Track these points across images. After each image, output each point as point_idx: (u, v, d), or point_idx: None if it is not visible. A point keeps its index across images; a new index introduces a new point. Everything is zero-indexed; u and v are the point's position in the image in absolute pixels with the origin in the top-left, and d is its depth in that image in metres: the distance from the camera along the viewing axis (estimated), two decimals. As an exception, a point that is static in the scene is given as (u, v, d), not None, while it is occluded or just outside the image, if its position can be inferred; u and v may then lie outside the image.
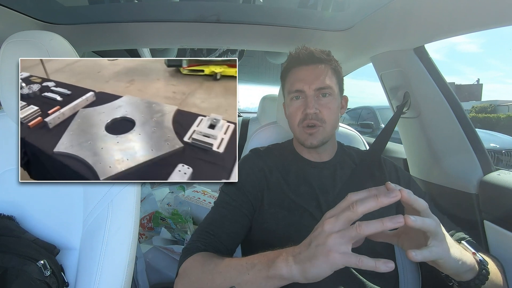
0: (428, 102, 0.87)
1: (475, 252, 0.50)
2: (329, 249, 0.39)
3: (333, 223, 0.40)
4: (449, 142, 0.86)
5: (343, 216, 0.40)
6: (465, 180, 0.79)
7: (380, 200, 0.38)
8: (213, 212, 0.69)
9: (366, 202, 0.38)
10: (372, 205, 0.38)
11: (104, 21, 0.96)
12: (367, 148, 0.93)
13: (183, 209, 1.51)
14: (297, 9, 1.03)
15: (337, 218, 0.40)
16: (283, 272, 0.43)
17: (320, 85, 0.69)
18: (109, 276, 0.60)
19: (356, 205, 0.39)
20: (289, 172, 0.72)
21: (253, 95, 3.89)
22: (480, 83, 22.33)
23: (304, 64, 0.72)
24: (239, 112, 2.72)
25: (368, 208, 0.38)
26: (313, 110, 0.68)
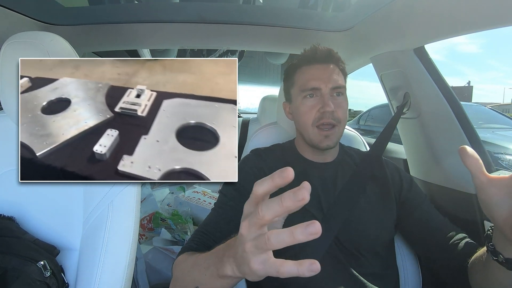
0: (428, 102, 0.87)
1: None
2: (249, 258, 0.34)
3: (247, 227, 0.34)
4: (449, 142, 0.86)
5: (253, 222, 0.33)
6: (465, 180, 0.79)
7: (284, 205, 0.31)
8: (211, 213, 0.69)
9: (271, 206, 0.32)
10: (277, 210, 0.32)
11: (104, 22, 0.96)
12: (368, 148, 0.93)
13: (183, 209, 1.51)
14: (297, 10, 1.03)
15: (249, 221, 0.34)
16: (228, 273, 0.40)
17: (335, 84, 0.69)
18: (109, 276, 0.60)
19: (262, 210, 0.32)
20: None
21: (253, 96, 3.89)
22: (470, 85, 22.57)
23: (319, 62, 0.71)
24: (239, 113, 2.72)
25: (274, 213, 0.32)
26: (332, 108, 0.67)
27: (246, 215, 0.35)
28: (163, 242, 1.40)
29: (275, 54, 1.65)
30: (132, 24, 0.99)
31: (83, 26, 0.97)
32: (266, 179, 0.34)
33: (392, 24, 0.80)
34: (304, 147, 0.76)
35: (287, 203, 0.31)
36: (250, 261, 0.34)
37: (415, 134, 0.95)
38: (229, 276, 0.40)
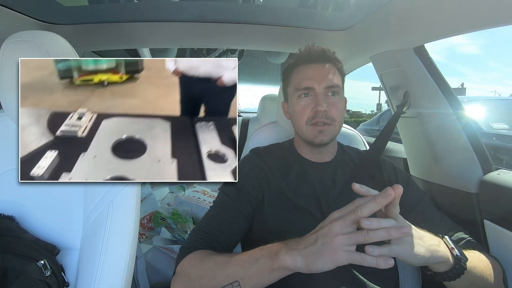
0: (428, 101, 0.87)
1: (453, 247, 0.53)
2: (336, 248, 0.43)
3: (341, 224, 0.44)
4: (449, 141, 0.86)
5: (350, 218, 0.44)
6: (465, 179, 0.79)
7: (378, 202, 0.43)
8: (211, 212, 0.69)
9: (368, 205, 0.43)
10: (373, 208, 0.43)
11: (104, 21, 0.96)
12: (367, 147, 0.93)
13: (183, 209, 1.51)
14: (297, 9, 1.03)
15: (344, 220, 0.44)
16: (287, 263, 0.47)
17: (330, 83, 0.69)
18: (110, 276, 0.60)
19: (360, 209, 0.43)
20: (290, 173, 0.72)
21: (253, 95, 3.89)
22: (464, 87, 22.71)
23: (314, 62, 0.71)
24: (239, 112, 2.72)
25: (370, 211, 0.43)
26: (324, 108, 0.67)
27: (338, 218, 0.46)
28: (163, 241, 1.40)
29: (275, 53, 1.65)
30: (132, 24, 0.99)
31: (83, 26, 0.97)
32: (370, 203, 0.44)
33: (392, 23, 0.80)
34: (302, 146, 0.76)
35: (380, 200, 0.43)
36: (337, 249, 0.43)
37: (415, 133, 0.95)
38: (285, 268, 0.48)
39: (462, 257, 0.52)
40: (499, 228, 0.70)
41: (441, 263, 0.51)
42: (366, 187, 0.49)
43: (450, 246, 0.53)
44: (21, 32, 0.64)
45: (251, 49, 1.65)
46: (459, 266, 0.51)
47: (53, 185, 0.65)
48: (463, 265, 0.52)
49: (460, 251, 0.53)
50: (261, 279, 0.50)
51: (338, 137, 0.79)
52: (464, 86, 22.75)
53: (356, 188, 0.49)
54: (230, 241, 0.66)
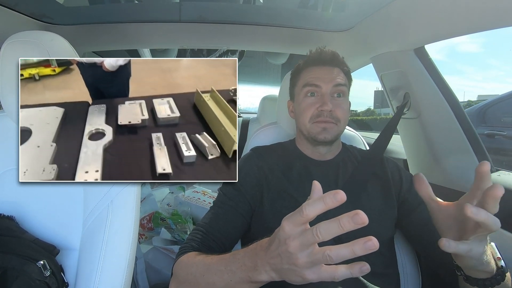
0: (428, 102, 0.87)
1: (500, 257, 0.50)
2: (302, 272, 0.37)
3: (298, 247, 0.36)
4: (449, 142, 0.86)
5: (308, 241, 0.36)
6: (465, 180, 0.79)
7: (345, 228, 0.33)
8: (210, 212, 0.69)
9: (330, 228, 0.34)
10: (337, 232, 0.34)
11: (105, 21, 0.96)
12: (367, 148, 0.93)
13: (183, 209, 1.51)
14: (298, 10, 1.03)
15: (301, 242, 0.36)
16: (265, 279, 0.43)
17: (336, 84, 0.71)
18: (109, 276, 0.60)
19: (320, 233, 0.35)
20: (291, 170, 0.72)
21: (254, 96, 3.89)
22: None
23: (324, 64, 0.74)
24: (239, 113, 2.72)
25: (333, 234, 0.34)
26: (329, 107, 0.69)
27: (292, 235, 0.37)
28: (163, 241, 1.40)
29: (275, 54, 1.65)
30: (132, 24, 0.99)
31: (84, 26, 0.97)
32: (317, 203, 0.36)
33: (392, 24, 0.80)
34: (304, 144, 0.76)
35: (347, 226, 0.33)
36: (304, 274, 0.37)
37: (415, 134, 0.95)
38: (265, 281, 0.44)
39: (505, 269, 0.49)
40: (500, 229, 0.70)
41: (483, 272, 0.48)
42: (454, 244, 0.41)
43: (497, 256, 0.50)
44: (21, 32, 0.64)
45: (252, 49, 1.65)
46: (499, 278, 0.48)
47: (53, 185, 0.65)
48: (503, 277, 0.49)
49: (505, 262, 0.49)
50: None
51: (338, 138, 0.79)
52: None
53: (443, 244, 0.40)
54: (228, 240, 0.66)
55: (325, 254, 0.35)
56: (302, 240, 0.36)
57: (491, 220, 0.39)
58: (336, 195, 0.34)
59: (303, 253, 0.36)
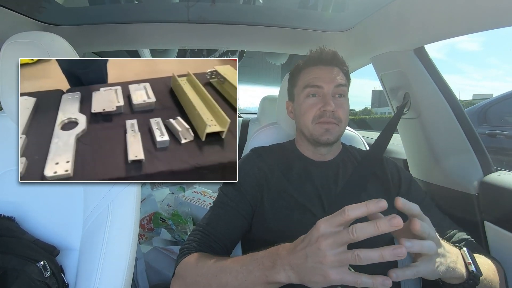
0: (428, 102, 0.87)
1: (470, 262, 0.50)
2: (326, 271, 0.39)
3: (330, 244, 0.39)
4: (449, 142, 0.86)
5: (342, 240, 0.38)
6: (466, 180, 0.79)
7: (380, 230, 0.36)
8: (210, 212, 0.69)
9: (366, 229, 0.37)
10: (372, 233, 0.36)
11: (105, 22, 0.96)
12: (367, 148, 0.93)
13: (183, 210, 1.51)
14: (297, 10, 1.03)
15: (334, 240, 0.39)
16: (282, 280, 0.44)
17: (338, 85, 0.71)
18: (109, 277, 0.60)
19: (356, 232, 0.37)
20: (291, 171, 0.72)
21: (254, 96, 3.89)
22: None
23: (324, 64, 0.73)
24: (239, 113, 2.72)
25: (368, 235, 0.37)
26: (332, 108, 0.69)
27: (326, 233, 0.39)
28: (163, 242, 1.40)
29: (275, 55, 1.65)
30: (132, 24, 0.99)
31: (84, 26, 0.97)
32: (360, 207, 0.38)
33: (392, 24, 0.80)
34: (304, 145, 0.76)
35: (382, 228, 0.36)
36: (329, 272, 0.38)
37: (415, 134, 0.95)
38: (280, 283, 0.44)
39: (477, 273, 0.50)
40: (500, 229, 0.70)
41: (453, 279, 0.49)
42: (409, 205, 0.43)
43: (468, 261, 0.51)
44: (21, 33, 0.65)
45: (251, 50, 1.65)
46: (472, 282, 0.49)
47: (53, 186, 0.65)
48: (477, 281, 0.49)
49: (476, 266, 0.51)
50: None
51: (338, 138, 0.79)
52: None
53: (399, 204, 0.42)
54: (229, 241, 0.66)
55: (354, 254, 0.37)
56: (335, 238, 0.38)
57: (425, 248, 0.41)
58: (379, 203, 0.37)
59: (332, 251, 0.38)
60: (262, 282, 0.46)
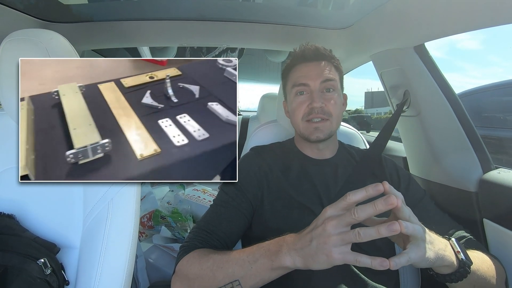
0: (428, 100, 0.87)
1: (459, 251, 0.52)
2: (330, 249, 0.43)
3: (335, 225, 0.43)
4: (449, 140, 0.86)
5: (345, 220, 0.43)
6: (465, 178, 0.79)
7: (377, 208, 0.41)
8: (211, 210, 0.69)
9: (365, 209, 0.42)
10: (371, 212, 0.41)
11: (104, 19, 0.96)
12: (367, 146, 0.93)
13: (183, 207, 1.51)
14: (297, 7, 1.03)
15: (339, 221, 0.43)
16: (287, 263, 0.47)
17: (324, 79, 0.70)
18: (110, 274, 0.60)
19: (357, 212, 0.42)
20: (291, 170, 0.72)
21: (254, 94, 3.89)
22: None
23: (308, 60, 0.73)
24: (239, 111, 2.72)
25: (367, 215, 0.42)
26: (319, 104, 0.69)
27: (332, 216, 0.45)
28: (163, 240, 1.40)
29: (275, 52, 1.65)
30: (131, 22, 0.99)
31: (83, 24, 0.96)
32: (360, 191, 0.43)
33: (392, 22, 0.80)
34: (303, 144, 0.76)
35: (379, 207, 0.41)
36: (331, 251, 0.43)
37: (415, 132, 0.95)
38: (285, 267, 0.48)
39: (467, 261, 0.51)
40: (499, 227, 0.70)
41: (444, 267, 0.51)
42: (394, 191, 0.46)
43: (456, 250, 0.52)
44: (20, 30, 0.64)
45: (251, 47, 1.65)
46: (463, 270, 0.51)
47: (53, 184, 0.65)
48: (467, 269, 0.51)
49: (466, 255, 0.52)
50: (261, 277, 0.50)
51: (338, 136, 0.79)
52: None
53: (386, 187, 0.45)
54: (230, 239, 0.66)
55: (355, 232, 0.42)
56: (340, 219, 0.43)
57: (416, 230, 0.45)
58: (377, 186, 0.42)
59: (336, 230, 0.43)
60: (268, 268, 0.49)
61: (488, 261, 0.58)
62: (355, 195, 0.43)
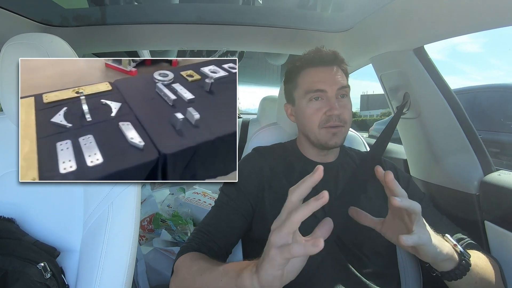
0: (428, 102, 0.87)
1: (456, 244, 0.53)
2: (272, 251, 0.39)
3: (276, 235, 0.40)
4: (449, 142, 0.86)
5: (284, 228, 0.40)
6: (466, 180, 0.79)
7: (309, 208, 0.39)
8: (211, 212, 0.70)
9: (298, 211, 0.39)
10: (304, 213, 0.39)
11: (104, 23, 0.96)
12: (368, 149, 0.93)
13: (183, 210, 1.51)
14: (297, 10, 1.03)
15: (280, 231, 0.40)
16: (246, 283, 0.42)
17: (341, 86, 0.69)
18: (110, 278, 0.60)
19: (292, 215, 0.39)
20: (292, 172, 0.72)
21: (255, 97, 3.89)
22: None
23: (323, 64, 0.71)
24: (239, 114, 2.72)
25: (302, 216, 0.38)
26: (338, 111, 0.67)
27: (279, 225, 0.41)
28: (163, 243, 1.40)
29: (275, 55, 1.65)
30: (131, 26, 0.99)
31: (83, 28, 0.97)
32: (298, 185, 0.42)
33: (391, 24, 0.80)
34: (307, 147, 0.76)
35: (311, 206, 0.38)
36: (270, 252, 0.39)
37: (415, 135, 0.95)
38: (245, 287, 0.43)
39: (465, 253, 0.53)
40: (500, 229, 0.70)
41: (447, 260, 0.51)
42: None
43: (453, 243, 0.53)
44: (21, 34, 0.64)
45: (251, 50, 1.65)
46: (465, 263, 0.51)
47: (53, 187, 0.65)
48: (468, 261, 0.52)
49: (463, 247, 0.53)
50: None
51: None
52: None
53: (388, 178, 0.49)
54: (228, 241, 0.66)
55: (288, 217, 0.39)
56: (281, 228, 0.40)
57: (413, 204, 0.45)
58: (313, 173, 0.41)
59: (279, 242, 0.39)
60: (233, 284, 0.45)
61: (484, 258, 0.59)
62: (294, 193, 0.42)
